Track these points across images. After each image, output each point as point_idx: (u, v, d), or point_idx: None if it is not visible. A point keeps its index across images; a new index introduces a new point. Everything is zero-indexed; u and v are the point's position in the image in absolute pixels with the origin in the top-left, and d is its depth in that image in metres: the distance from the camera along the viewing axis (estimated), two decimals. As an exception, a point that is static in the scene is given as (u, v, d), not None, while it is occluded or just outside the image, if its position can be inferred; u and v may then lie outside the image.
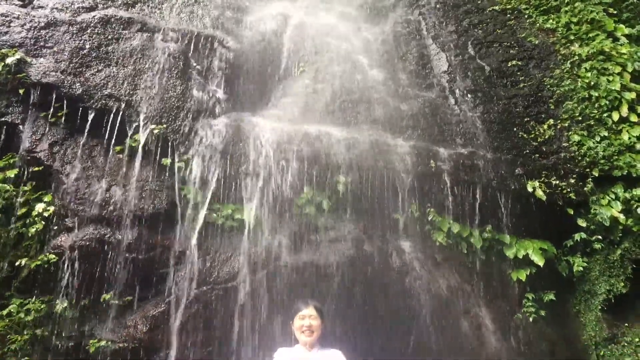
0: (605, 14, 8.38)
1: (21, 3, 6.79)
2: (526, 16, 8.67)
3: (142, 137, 6.19)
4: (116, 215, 5.84)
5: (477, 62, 8.10)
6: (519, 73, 7.96)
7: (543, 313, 6.77)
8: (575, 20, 8.36)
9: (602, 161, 7.24)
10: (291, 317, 4.61)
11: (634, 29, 8.31)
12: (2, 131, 6.09)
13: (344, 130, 7.06)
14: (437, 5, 9.03)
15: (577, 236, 7.05)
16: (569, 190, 7.12)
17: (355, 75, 7.86)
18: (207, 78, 7.04)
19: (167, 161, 6.21)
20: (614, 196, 7.12)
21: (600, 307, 6.97)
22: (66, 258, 5.59)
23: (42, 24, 6.55)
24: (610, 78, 7.73)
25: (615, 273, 6.95)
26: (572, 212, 7.11)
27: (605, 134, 7.44)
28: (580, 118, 7.57)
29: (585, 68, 7.88)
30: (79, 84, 6.25)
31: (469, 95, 7.81)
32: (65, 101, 6.19)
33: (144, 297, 5.80)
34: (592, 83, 7.71)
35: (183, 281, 5.78)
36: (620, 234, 6.99)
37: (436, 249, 6.72)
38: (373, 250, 6.36)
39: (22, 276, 5.67)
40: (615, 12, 8.48)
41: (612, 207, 7.03)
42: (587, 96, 7.66)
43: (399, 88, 7.87)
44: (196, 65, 7.00)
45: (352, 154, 6.75)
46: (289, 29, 8.33)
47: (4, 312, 5.51)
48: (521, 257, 6.83)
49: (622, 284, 6.89)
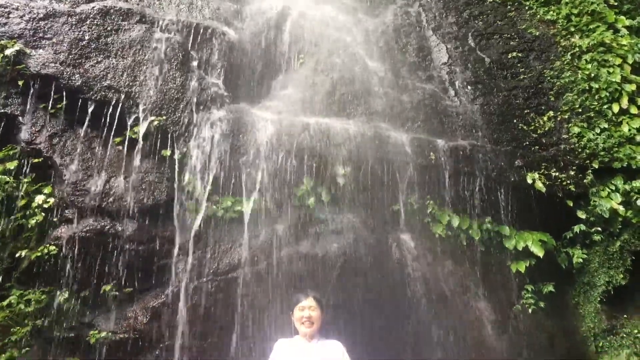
0: (605, 5, 8.36)
1: (20, -6, 6.77)
2: (527, 8, 8.65)
3: (141, 128, 6.18)
4: (116, 207, 5.84)
5: (477, 54, 8.08)
6: (519, 65, 7.95)
7: (542, 304, 6.79)
8: (575, 11, 8.34)
9: (602, 153, 7.25)
10: (291, 308, 4.62)
11: (634, 20, 8.29)
12: (1, 123, 6.06)
13: (343, 122, 7.05)
14: (438, -3, 9.01)
15: (576, 228, 7.07)
16: (568, 182, 7.12)
17: (355, 66, 7.84)
18: (207, 69, 7.03)
19: (166, 153, 6.20)
20: (613, 188, 7.13)
21: (599, 299, 7.00)
22: (66, 249, 5.60)
23: (41, 15, 6.52)
24: (611, 70, 7.72)
25: (615, 265, 6.97)
26: (571, 204, 7.12)
27: (605, 126, 7.44)
28: (580, 110, 7.56)
29: (585, 60, 7.87)
30: (78, 75, 6.23)
31: (469, 87, 7.80)
32: (64, 93, 6.17)
33: (144, 288, 5.81)
34: (593, 75, 7.70)
35: (183, 272, 5.80)
36: (620, 226, 7.01)
37: (436, 240, 6.72)
38: (373, 241, 6.37)
39: (23, 267, 5.68)
40: (615, 4, 8.47)
41: (611, 199, 7.04)
42: (587, 88, 7.66)
43: (399, 80, 7.86)
44: (196, 57, 6.98)
45: (352, 145, 6.74)
46: (289, 20, 8.30)
47: (5, 303, 5.53)
48: (521, 249, 6.83)
49: (622, 276, 6.91)
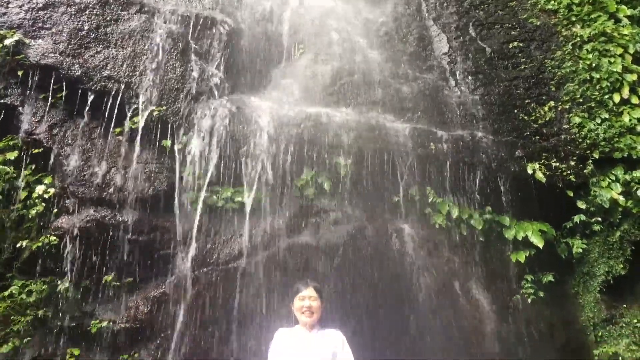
0: (607, -6, 8.32)
1: (19, -16, 6.74)
2: (528, -3, 8.60)
3: (141, 119, 6.18)
4: (116, 197, 5.86)
5: (478, 44, 8.04)
6: (520, 55, 7.92)
7: (542, 294, 6.81)
8: (577, 1, 8.28)
9: (602, 143, 7.24)
10: (291, 298, 4.64)
11: (635, 10, 8.24)
12: (1, 113, 6.07)
13: (344, 112, 7.04)
14: (438, -14, 8.95)
15: (576, 218, 7.07)
16: (569, 172, 7.12)
17: (355, 56, 7.81)
18: (207, 59, 7.00)
19: (167, 143, 6.21)
20: (614, 178, 7.12)
21: (598, 289, 7.01)
22: (67, 240, 5.62)
23: (40, 5, 6.49)
24: (612, 60, 7.69)
25: (615, 255, 6.98)
26: (571, 194, 7.12)
27: (606, 116, 7.41)
28: (581, 100, 7.54)
29: (586, 49, 7.83)
30: (77, 65, 6.22)
31: (469, 77, 7.77)
32: (64, 83, 6.16)
33: (145, 278, 5.84)
34: (594, 65, 7.67)
35: (184, 263, 5.82)
36: (620, 216, 7.00)
37: (436, 230, 6.72)
38: (373, 231, 6.38)
39: (24, 258, 5.69)
40: (617, -7, 8.42)
41: (612, 189, 7.04)
42: (588, 78, 7.63)
43: (399, 70, 7.83)
44: (195, 47, 6.95)
45: (352, 135, 6.73)
46: (289, 10, 8.27)
47: (6, 293, 5.56)
48: (520, 239, 6.84)
49: (621, 266, 6.92)
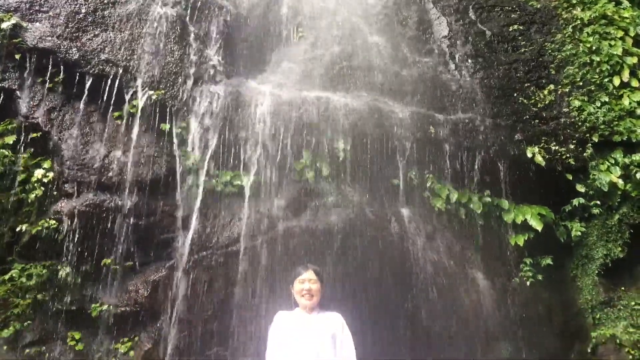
0: (608, -23, 8.25)
1: (15, -34, 6.68)
2: (528, -21, 8.54)
3: (140, 102, 6.15)
4: (115, 181, 5.85)
5: (478, 27, 7.99)
6: (520, 38, 7.87)
7: (540, 277, 6.84)
8: (577, -17, 8.24)
9: (602, 126, 7.22)
10: (291, 281, 4.65)
11: (637, -8, 8.20)
12: (-1, 97, 6.07)
13: (343, 96, 7.01)
14: (438, -31, 8.88)
15: (575, 201, 7.07)
16: (568, 155, 7.11)
17: (355, 40, 7.77)
18: (205, 43, 6.96)
19: (165, 127, 6.19)
20: (613, 161, 7.12)
21: (597, 272, 7.04)
22: (66, 223, 5.62)
23: (37, -12, 6.45)
24: (612, 42, 7.65)
25: (613, 238, 7.00)
26: (571, 178, 7.11)
27: (606, 99, 7.39)
28: (581, 83, 7.51)
29: (587, 32, 7.78)
30: (75, 49, 6.18)
31: (469, 61, 7.74)
32: (62, 66, 6.12)
33: (144, 262, 5.86)
34: (594, 48, 7.63)
35: (183, 246, 5.83)
36: (619, 199, 7.01)
37: (435, 214, 6.74)
38: (372, 215, 6.39)
39: (23, 241, 5.70)
40: (618, -25, 8.36)
41: (611, 173, 7.04)
42: (588, 61, 7.59)
43: (399, 53, 7.79)
44: (194, 30, 6.91)
45: (351, 119, 6.72)
46: (287, -7, 8.22)
47: (6, 277, 5.57)
48: (519, 223, 6.85)
49: (620, 249, 6.94)
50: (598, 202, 7.05)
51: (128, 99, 6.19)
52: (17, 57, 6.07)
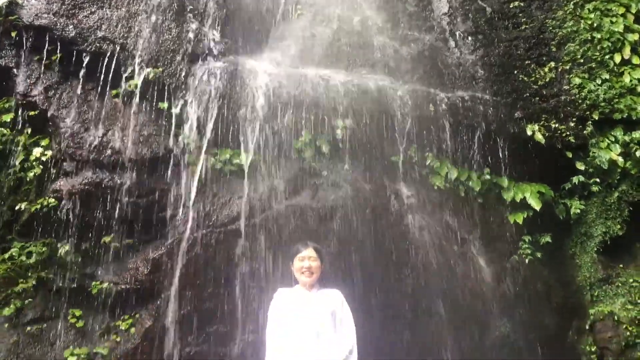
0: (610, -48, 8.14)
1: (10, -58, 6.59)
2: (530, -45, 8.42)
3: (138, 81, 6.11)
4: (114, 160, 5.83)
5: (478, 4, 7.89)
6: (520, 14, 7.78)
7: (539, 255, 6.86)
8: (579, -41, 8.13)
9: (602, 104, 7.18)
10: (291, 259, 4.65)
11: (639, -32, 8.09)
12: (-4, 75, 6.03)
13: (342, 74, 6.96)
14: (439, -56, 8.76)
15: (575, 179, 7.06)
16: (568, 133, 7.09)
17: (354, 17, 7.68)
18: (203, 20, 6.87)
19: (163, 105, 6.15)
20: (613, 139, 7.10)
21: (595, 249, 7.06)
22: (66, 202, 5.62)
23: (32, -36, 6.36)
24: (614, 19, 7.57)
25: (612, 215, 7.01)
26: (570, 156, 7.09)
27: (607, 77, 7.33)
28: (581, 60, 7.45)
29: (588, 9, 7.69)
30: (72, 26, 6.10)
31: (469, 38, 7.66)
32: (58, 44, 6.05)
33: (144, 240, 5.87)
34: (595, 24, 7.55)
35: (183, 224, 5.83)
36: (618, 177, 7.01)
37: (434, 192, 6.74)
38: (371, 193, 6.39)
39: (23, 220, 5.72)
40: (620, -50, 8.24)
41: (611, 150, 7.02)
42: (589, 38, 7.52)
43: (399, 31, 7.71)
44: (191, 7, 6.83)
45: (351, 97, 6.67)
46: (286, -31, 8.11)
47: (6, 255, 5.60)
48: (519, 201, 6.85)
49: (619, 226, 6.96)
50: (597, 180, 7.04)
51: (125, 77, 6.14)
52: (14, 34, 6.03)
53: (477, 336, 6.38)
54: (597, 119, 7.17)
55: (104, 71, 6.08)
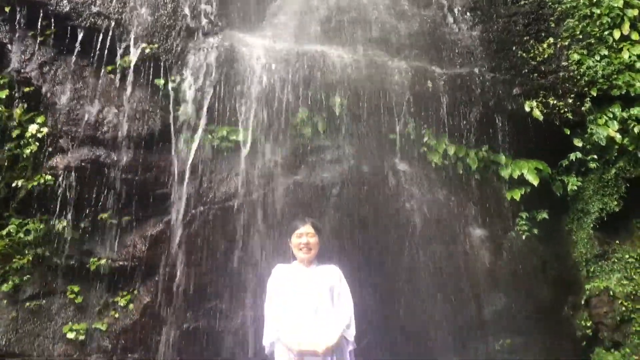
0: None
1: None
2: None
3: (133, 57, 6.06)
4: (110, 136, 5.82)
5: (477, -22, 7.82)
6: (520, -11, 7.71)
7: (536, 231, 6.88)
8: None
9: (601, 80, 7.13)
10: (289, 235, 4.65)
11: (640, -58, 7.99)
12: (-11, 51, 5.98)
13: (340, 50, 6.91)
14: None
15: (572, 156, 7.05)
16: (566, 110, 7.06)
17: (352, -7, 7.61)
18: (199, -5, 6.81)
19: (160, 82, 6.11)
20: (611, 115, 7.06)
21: (592, 225, 7.08)
22: (62, 179, 5.61)
23: (25, -62, 6.26)
24: (614, -6, 7.51)
25: (609, 192, 7.01)
26: (568, 132, 7.07)
27: (606, 53, 7.27)
28: (580, 36, 7.39)
29: (587, -16, 7.63)
30: (66, 1, 6.02)
31: (468, 14, 7.59)
32: (52, 19, 6.00)
33: (142, 217, 5.89)
34: (594, 0, 7.49)
35: (180, 201, 5.83)
36: (616, 154, 6.99)
37: (431, 169, 6.72)
38: (369, 170, 6.38)
39: (20, 197, 5.72)
40: None
41: (608, 127, 6.99)
42: (588, 13, 7.44)
43: (396, 6, 7.62)
44: (187, -18, 6.75)
45: (348, 74, 6.63)
46: (282, -57, 8.00)
47: (4, 232, 5.61)
48: (516, 177, 6.85)
49: (615, 203, 6.97)
50: (595, 157, 7.03)
51: (121, 53, 6.09)
52: (7, 9, 5.96)
53: (474, 311, 6.43)
54: (595, 95, 7.12)
55: (99, 47, 6.03)
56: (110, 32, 6.07)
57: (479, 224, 6.72)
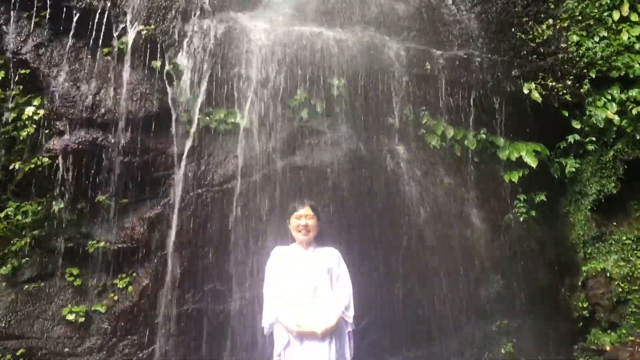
0: None
1: None
2: None
3: (129, 38, 5.99)
4: (107, 119, 5.78)
5: (477, -42, 7.75)
6: (519, -30, 7.64)
7: (533, 213, 6.90)
8: None
9: (599, 62, 7.12)
10: (287, 217, 4.65)
11: None
12: (-16, 32, 5.91)
13: (337, 32, 6.84)
14: None
15: (570, 138, 7.07)
16: (565, 91, 7.04)
17: (349, -27, 7.53)
18: (195, -25, 6.73)
19: (156, 64, 6.05)
20: (609, 97, 7.06)
21: (590, 207, 7.12)
22: (60, 161, 5.59)
23: None
24: (613, -25, 7.46)
25: (607, 174, 7.04)
26: (567, 114, 7.07)
27: (605, 34, 7.26)
28: (580, 17, 7.36)
29: (587, -35, 7.58)
30: (61, -19, 5.98)
31: (467, -5, 7.54)
32: (48, 0, 5.93)
33: (140, 199, 5.87)
34: (594, -19, 7.45)
35: (178, 184, 5.82)
36: (614, 136, 7.02)
37: (430, 151, 6.72)
38: (367, 152, 6.37)
39: (17, 179, 5.71)
40: None
41: (607, 109, 6.99)
42: (588, -6, 7.43)
43: (395, -13, 7.58)
44: (183, -38, 6.67)
45: (346, 56, 6.58)
46: None
47: (1, 215, 5.60)
48: (514, 159, 6.85)
49: (613, 185, 7.00)
50: (593, 139, 7.04)
51: (117, 34, 6.02)
52: (2, -10, 5.90)
53: (472, 292, 6.47)
54: (594, 77, 7.12)
55: (94, 28, 5.95)
56: (106, 13, 5.99)
57: (477, 206, 6.73)
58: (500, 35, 7.28)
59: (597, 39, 7.26)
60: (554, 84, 7.07)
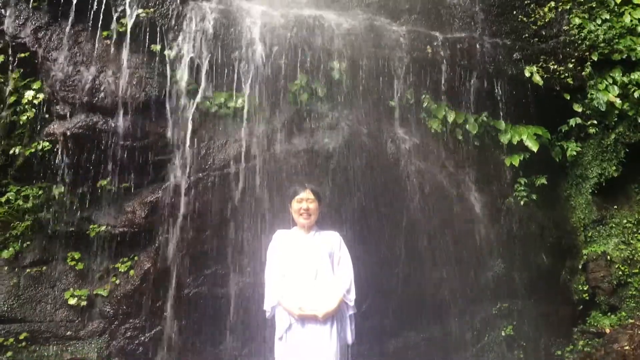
0: None
1: None
2: None
3: (129, 21, 5.95)
4: (107, 103, 5.75)
5: (479, -60, 7.67)
6: (521, -48, 7.57)
7: (534, 197, 6.89)
8: None
9: (602, 45, 7.06)
10: (289, 201, 4.67)
11: None
12: (-18, 16, 5.88)
13: (338, 15, 6.81)
14: None
15: (572, 121, 7.04)
16: (566, 75, 7.01)
17: (350, -45, 7.47)
18: (194, -42, 6.67)
19: (156, 47, 6.01)
20: (611, 80, 7.02)
21: (590, 191, 7.12)
22: (60, 145, 5.58)
23: None
24: (616, -45, 7.38)
25: (608, 157, 7.02)
26: (568, 97, 7.04)
27: (607, 17, 7.20)
28: (582, 0, 7.30)
29: (590, -54, 7.50)
30: (59, -36, 5.92)
31: (468, -23, 7.47)
32: (46, -17, 5.91)
33: (140, 183, 5.86)
34: (596, -38, 7.38)
35: (179, 168, 5.81)
36: (616, 119, 6.98)
37: (431, 135, 6.70)
38: (368, 136, 6.35)
39: (18, 164, 5.70)
40: None
41: (609, 92, 6.96)
42: (590, -24, 7.36)
43: (396, -30, 7.51)
44: (182, -56, 6.61)
45: (347, 39, 6.54)
46: None
47: (2, 199, 5.60)
48: (515, 143, 6.83)
49: (614, 168, 6.98)
50: (594, 122, 7.02)
51: (116, 17, 5.97)
52: (-1, -26, 5.85)
53: (472, 276, 6.48)
54: (596, 60, 7.07)
55: (93, 12, 5.90)
56: (105, -5, 5.96)
57: (477, 189, 6.72)
58: (501, 18, 7.23)
59: (599, 21, 7.20)
60: (555, 67, 7.03)
